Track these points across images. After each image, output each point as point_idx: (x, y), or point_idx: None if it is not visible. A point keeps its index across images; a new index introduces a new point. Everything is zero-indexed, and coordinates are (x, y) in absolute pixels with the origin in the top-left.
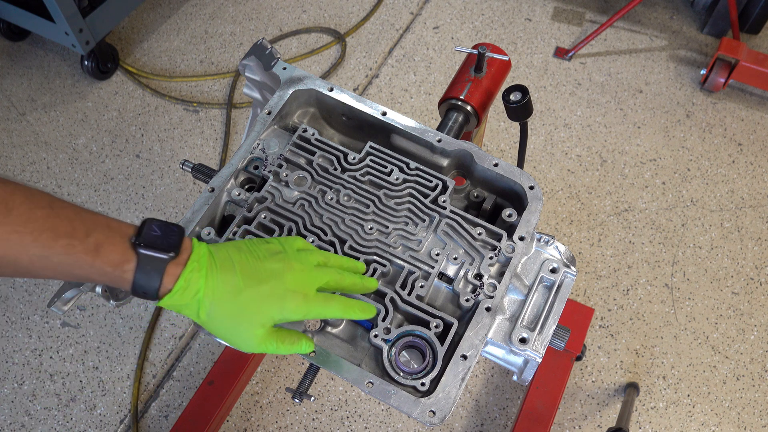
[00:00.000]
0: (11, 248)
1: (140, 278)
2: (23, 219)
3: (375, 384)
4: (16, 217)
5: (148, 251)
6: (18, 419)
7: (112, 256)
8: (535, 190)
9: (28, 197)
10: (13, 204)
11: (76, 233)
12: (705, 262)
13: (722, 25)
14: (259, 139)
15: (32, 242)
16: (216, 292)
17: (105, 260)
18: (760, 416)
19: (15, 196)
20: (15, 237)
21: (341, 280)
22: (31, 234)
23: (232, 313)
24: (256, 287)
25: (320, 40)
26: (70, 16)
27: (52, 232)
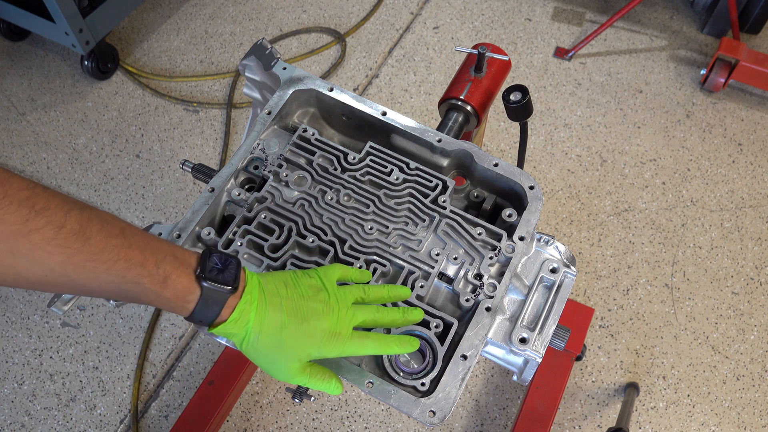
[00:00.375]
0: (85, 275)
1: (201, 309)
2: (99, 248)
3: (375, 384)
4: (92, 246)
5: (212, 285)
6: (18, 419)
7: (179, 287)
8: (535, 190)
9: (104, 225)
10: (91, 232)
11: (147, 263)
12: (705, 262)
13: (722, 25)
14: (259, 139)
15: (106, 271)
16: (263, 326)
17: (171, 291)
18: (760, 416)
19: (92, 223)
20: (90, 266)
21: (380, 318)
22: (106, 263)
23: (273, 346)
24: (299, 325)
25: (320, 40)
26: (70, 16)
27: (126, 262)
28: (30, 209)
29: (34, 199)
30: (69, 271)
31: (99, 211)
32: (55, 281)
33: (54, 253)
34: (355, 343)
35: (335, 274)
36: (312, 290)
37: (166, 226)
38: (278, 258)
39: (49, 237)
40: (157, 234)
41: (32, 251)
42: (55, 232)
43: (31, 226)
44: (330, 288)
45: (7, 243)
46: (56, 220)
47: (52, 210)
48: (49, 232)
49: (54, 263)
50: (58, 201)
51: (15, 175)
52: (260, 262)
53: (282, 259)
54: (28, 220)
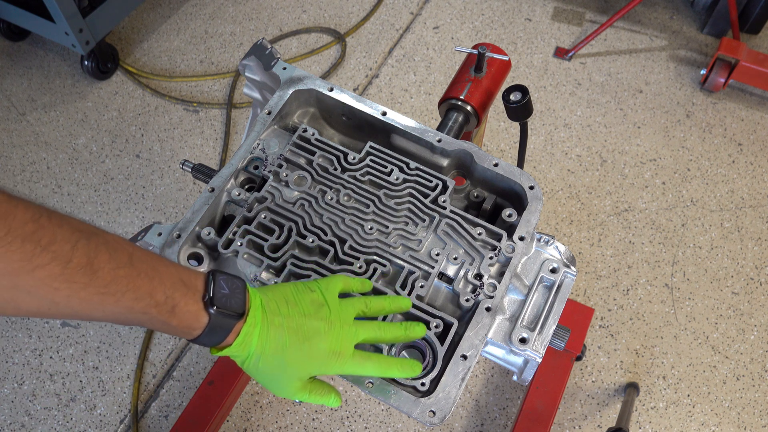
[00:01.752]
0: (91, 307)
1: (208, 335)
2: (107, 281)
3: (375, 384)
4: (100, 278)
5: (220, 313)
6: (18, 419)
7: (187, 316)
8: (535, 190)
9: (112, 255)
10: (99, 264)
11: (155, 293)
12: (705, 262)
13: (722, 25)
14: (259, 139)
15: (114, 303)
16: (266, 348)
17: (179, 320)
18: (760, 416)
19: (100, 254)
20: (97, 299)
21: (382, 335)
22: (114, 296)
23: (275, 367)
24: (300, 345)
25: (320, 40)
26: (70, 16)
27: (134, 293)
28: (35, 244)
29: (39, 233)
30: (74, 304)
31: (106, 237)
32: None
33: (60, 289)
34: (356, 362)
35: (337, 286)
36: (314, 306)
37: (166, 226)
38: (278, 258)
39: (55, 273)
40: (156, 234)
41: (36, 288)
42: (62, 268)
43: (36, 263)
44: (332, 303)
45: (10, 279)
46: (63, 255)
47: (59, 243)
48: (56, 268)
49: (60, 298)
50: (65, 232)
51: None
52: (260, 262)
53: (282, 259)
54: (33, 257)
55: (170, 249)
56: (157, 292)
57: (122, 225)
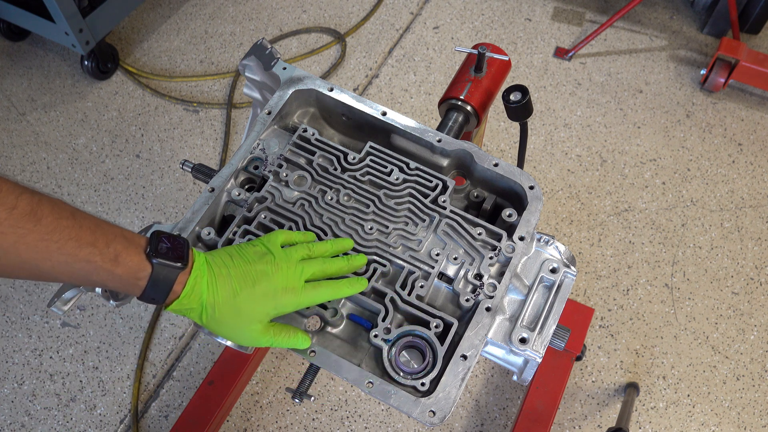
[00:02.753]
0: (37, 255)
1: (153, 285)
2: (50, 228)
3: (375, 384)
4: (44, 226)
5: (162, 261)
6: (18, 419)
7: (130, 265)
8: (535, 190)
9: (55, 207)
10: (42, 214)
11: (97, 243)
12: (705, 262)
13: (722, 25)
14: (259, 139)
15: (57, 250)
16: (217, 296)
17: (123, 269)
18: (760, 416)
19: (42, 206)
20: (42, 245)
21: (327, 268)
22: (57, 243)
23: (231, 314)
24: (251, 289)
25: (320, 40)
26: (70, 16)
27: (77, 242)
28: None
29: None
30: (21, 251)
31: (50, 197)
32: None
33: (7, 234)
34: (308, 293)
35: (278, 238)
36: (257, 255)
37: (166, 226)
38: None
39: (1, 218)
40: None
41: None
42: (7, 213)
43: None
44: (275, 250)
45: None
46: (8, 202)
47: (4, 192)
48: (2, 212)
49: (6, 244)
50: (9, 185)
51: None
52: None
53: None
54: None
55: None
56: (99, 242)
57: (122, 225)
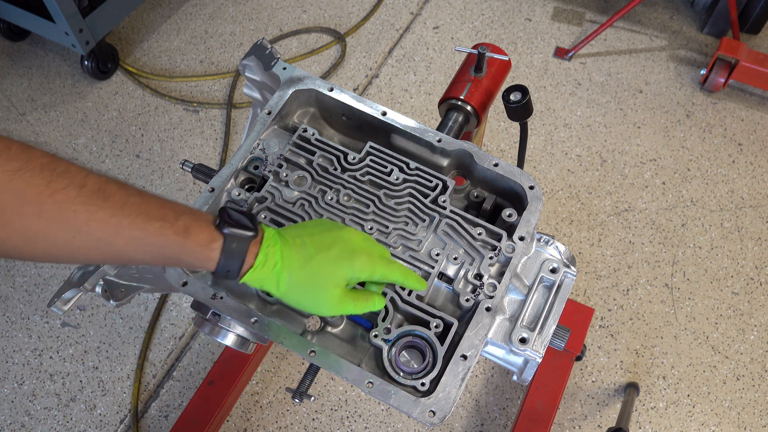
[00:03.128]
0: (110, 231)
1: (226, 256)
2: (120, 204)
3: (375, 384)
4: (113, 203)
5: (233, 231)
6: (18, 419)
7: (201, 236)
8: (535, 190)
9: (122, 186)
10: (110, 192)
11: (167, 217)
12: (705, 262)
13: (722, 25)
14: (259, 139)
15: (129, 225)
16: (291, 262)
17: (194, 240)
18: (760, 416)
19: (110, 185)
20: (114, 221)
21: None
22: (128, 218)
23: (308, 279)
24: (326, 252)
25: (320, 40)
26: (70, 16)
27: (146, 216)
28: (52, 171)
29: (54, 164)
30: (94, 229)
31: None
32: (84, 243)
33: (79, 212)
34: (384, 264)
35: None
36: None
37: None
38: None
39: (72, 196)
40: None
41: (59, 211)
42: (77, 191)
43: (54, 187)
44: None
45: (35, 205)
46: (77, 181)
47: (73, 172)
48: (72, 191)
49: (80, 222)
50: (76, 167)
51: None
52: None
53: None
54: (51, 181)
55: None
56: (169, 216)
57: None
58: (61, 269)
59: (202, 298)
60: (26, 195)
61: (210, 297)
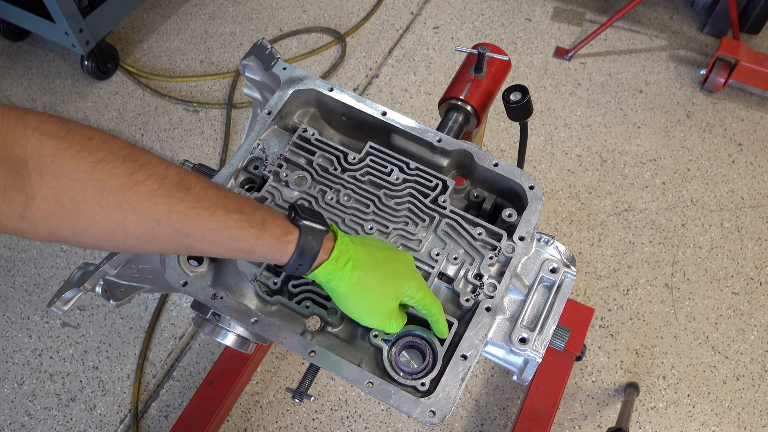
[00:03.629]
0: (189, 223)
1: (302, 248)
2: (200, 196)
3: (375, 384)
4: (193, 194)
5: (309, 223)
6: (18, 419)
7: (277, 229)
8: (535, 190)
9: (200, 179)
10: (190, 183)
11: (244, 209)
12: (705, 262)
13: (722, 25)
14: (259, 139)
15: (208, 217)
16: (363, 264)
17: (271, 233)
18: (760, 416)
19: (190, 177)
20: (194, 213)
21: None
22: (207, 210)
23: (373, 283)
24: (392, 264)
25: (320, 40)
26: (70, 16)
27: (225, 208)
28: (134, 163)
29: (136, 155)
30: (174, 220)
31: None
32: (162, 233)
33: (160, 203)
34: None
35: None
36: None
37: None
38: None
39: (153, 188)
40: None
41: (140, 203)
42: (159, 183)
43: (136, 179)
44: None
45: (116, 196)
46: (159, 172)
47: (154, 164)
48: (154, 183)
49: (160, 213)
50: (157, 158)
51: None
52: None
53: None
54: (133, 173)
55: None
56: (246, 209)
57: None
58: (61, 269)
59: (202, 298)
60: (108, 186)
61: (210, 297)
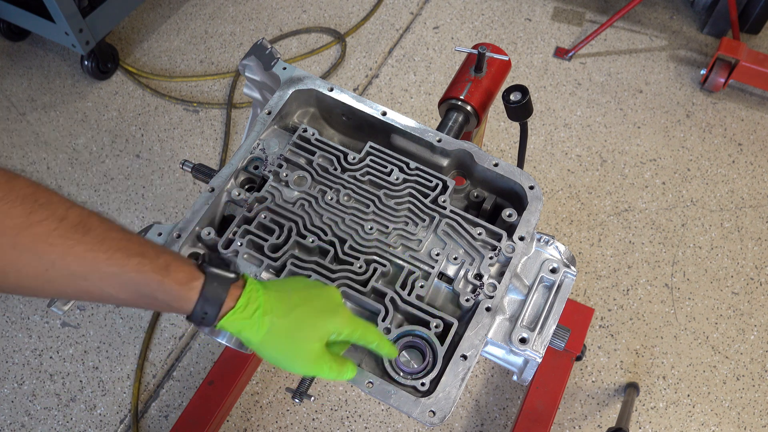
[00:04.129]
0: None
1: (206, 297)
2: (100, 239)
3: (375, 384)
4: (93, 237)
5: (215, 270)
6: (18, 419)
7: (180, 275)
8: (535, 190)
9: (104, 220)
10: (91, 225)
11: (147, 254)
12: (705, 262)
13: (722, 25)
14: (259, 139)
15: (106, 260)
16: (274, 310)
17: (174, 279)
18: (760, 416)
19: (92, 218)
20: (90, 255)
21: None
22: (106, 253)
23: (290, 329)
24: (310, 303)
25: (320, 40)
26: (70, 16)
27: (125, 252)
28: (34, 203)
29: (37, 194)
30: (70, 263)
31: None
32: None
33: (55, 245)
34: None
35: None
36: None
37: (166, 226)
38: (278, 258)
39: (50, 228)
40: (156, 234)
41: (34, 243)
42: (57, 223)
43: (33, 219)
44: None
45: (10, 237)
46: (58, 213)
47: (55, 204)
48: (52, 223)
49: (55, 255)
50: (60, 198)
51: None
52: (260, 262)
53: (282, 259)
54: (31, 213)
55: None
56: (149, 253)
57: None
58: None
59: None
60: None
61: None
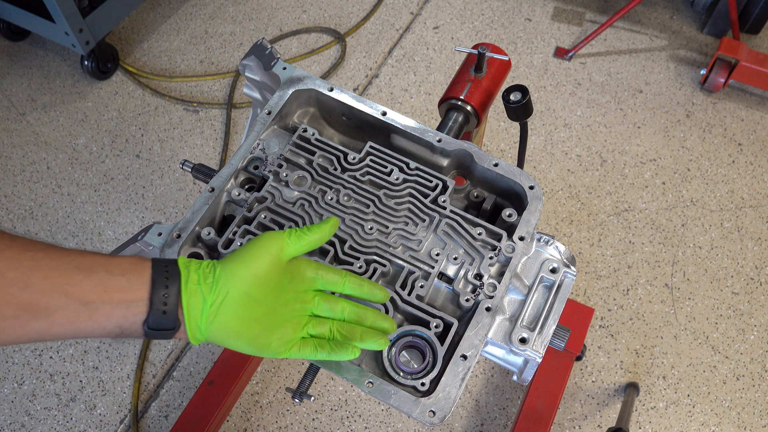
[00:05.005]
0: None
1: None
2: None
3: (375, 384)
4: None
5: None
6: (18, 419)
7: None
8: (535, 190)
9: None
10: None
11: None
12: (705, 262)
13: (722, 25)
14: (259, 139)
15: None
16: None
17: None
18: (760, 416)
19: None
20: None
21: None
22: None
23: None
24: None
25: (320, 40)
26: (70, 16)
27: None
28: None
29: None
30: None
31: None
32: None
33: None
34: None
35: None
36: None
37: (166, 226)
38: None
39: None
40: (156, 234)
41: None
42: None
43: None
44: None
45: None
46: None
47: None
48: None
49: None
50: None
51: None
52: None
53: None
54: None
55: (170, 249)
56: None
57: (122, 225)
58: None
59: None
60: None
61: None
